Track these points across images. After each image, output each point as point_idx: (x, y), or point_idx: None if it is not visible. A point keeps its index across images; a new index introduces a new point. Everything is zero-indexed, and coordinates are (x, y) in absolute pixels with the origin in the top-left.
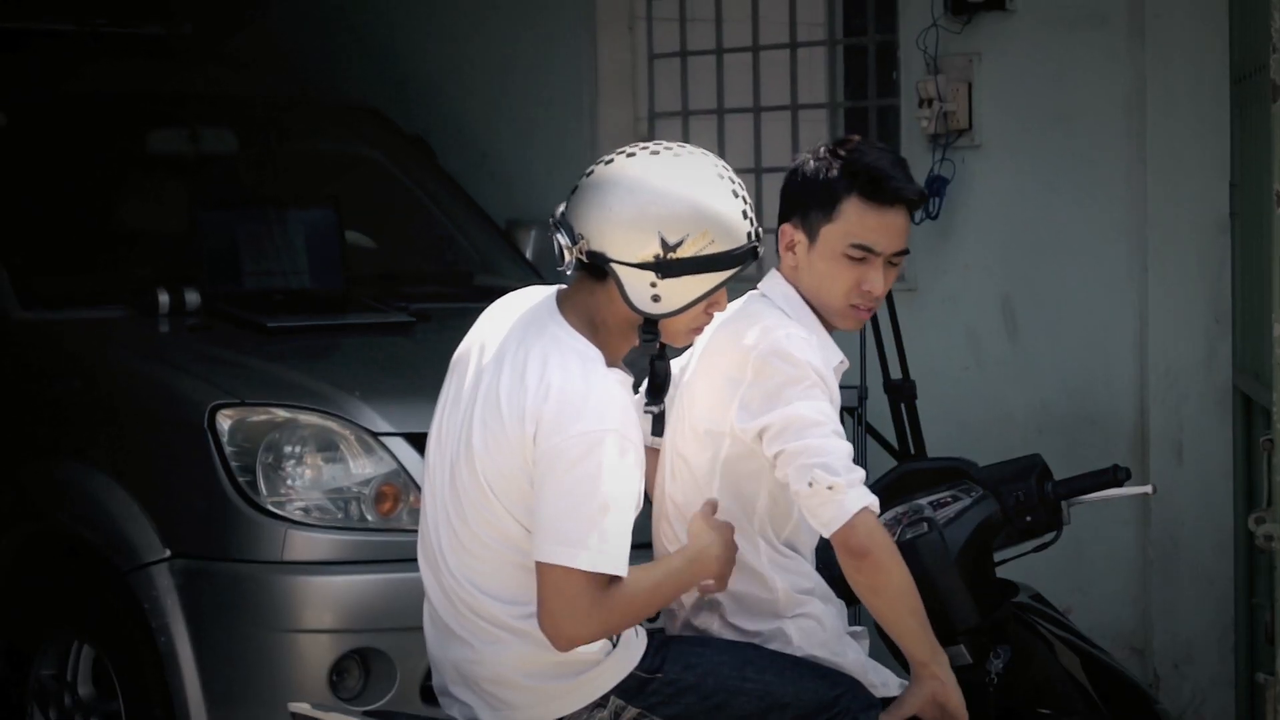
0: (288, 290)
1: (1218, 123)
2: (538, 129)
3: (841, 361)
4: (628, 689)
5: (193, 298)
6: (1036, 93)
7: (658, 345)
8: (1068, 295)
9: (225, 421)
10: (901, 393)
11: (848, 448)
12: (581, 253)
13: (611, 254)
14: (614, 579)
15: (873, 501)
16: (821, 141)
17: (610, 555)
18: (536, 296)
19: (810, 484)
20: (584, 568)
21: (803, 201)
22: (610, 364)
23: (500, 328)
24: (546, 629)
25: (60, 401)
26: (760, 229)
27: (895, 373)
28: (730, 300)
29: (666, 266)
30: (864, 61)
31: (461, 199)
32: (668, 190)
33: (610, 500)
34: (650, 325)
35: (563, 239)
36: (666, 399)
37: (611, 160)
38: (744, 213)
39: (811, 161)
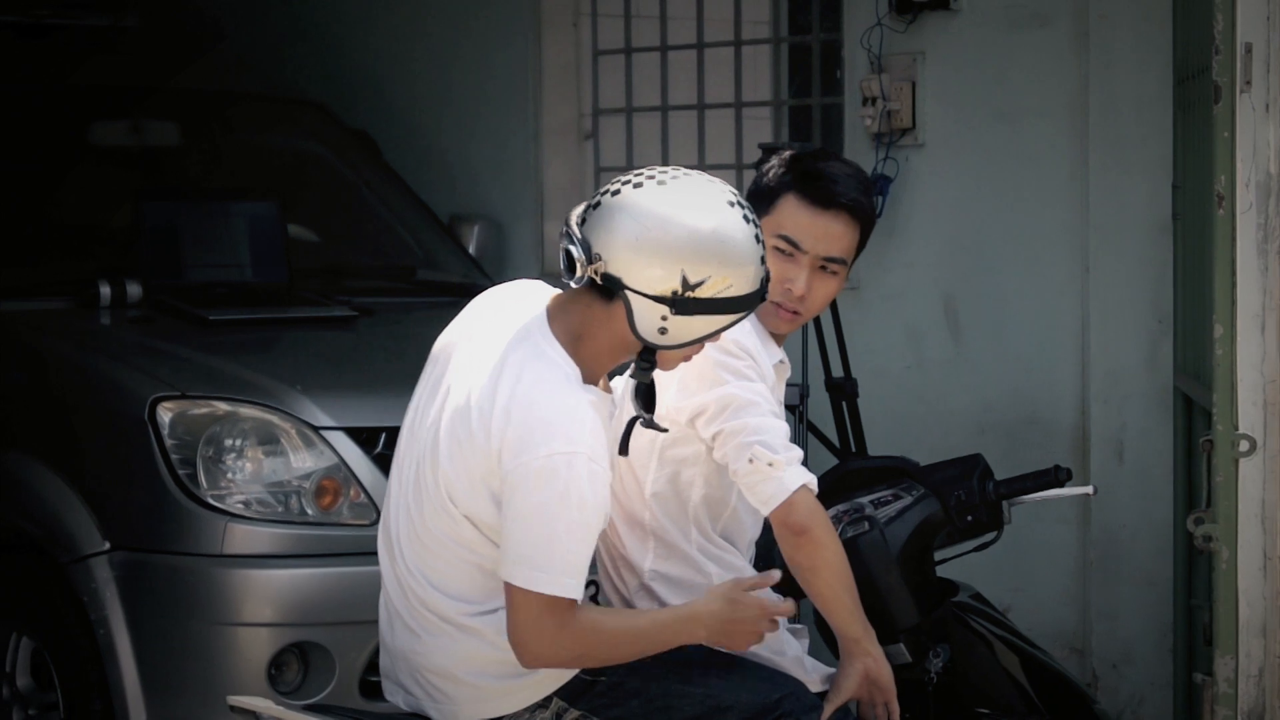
0: (230, 283)
1: (1160, 124)
2: (481, 124)
3: (781, 361)
4: (571, 691)
5: (134, 290)
6: (980, 92)
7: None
8: (1010, 295)
9: (166, 414)
10: (843, 391)
11: (785, 427)
12: (597, 274)
13: (629, 281)
14: (594, 613)
15: (811, 480)
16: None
17: (571, 580)
18: (530, 297)
19: (750, 460)
20: (544, 591)
21: (753, 200)
22: (589, 380)
23: (487, 325)
24: (514, 646)
25: (0, 393)
26: (770, 273)
27: (837, 371)
28: None
29: (682, 304)
30: (808, 59)
31: (405, 194)
32: (698, 230)
33: (574, 524)
34: (648, 353)
35: (577, 253)
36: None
37: (641, 185)
38: (761, 258)
39: (773, 166)
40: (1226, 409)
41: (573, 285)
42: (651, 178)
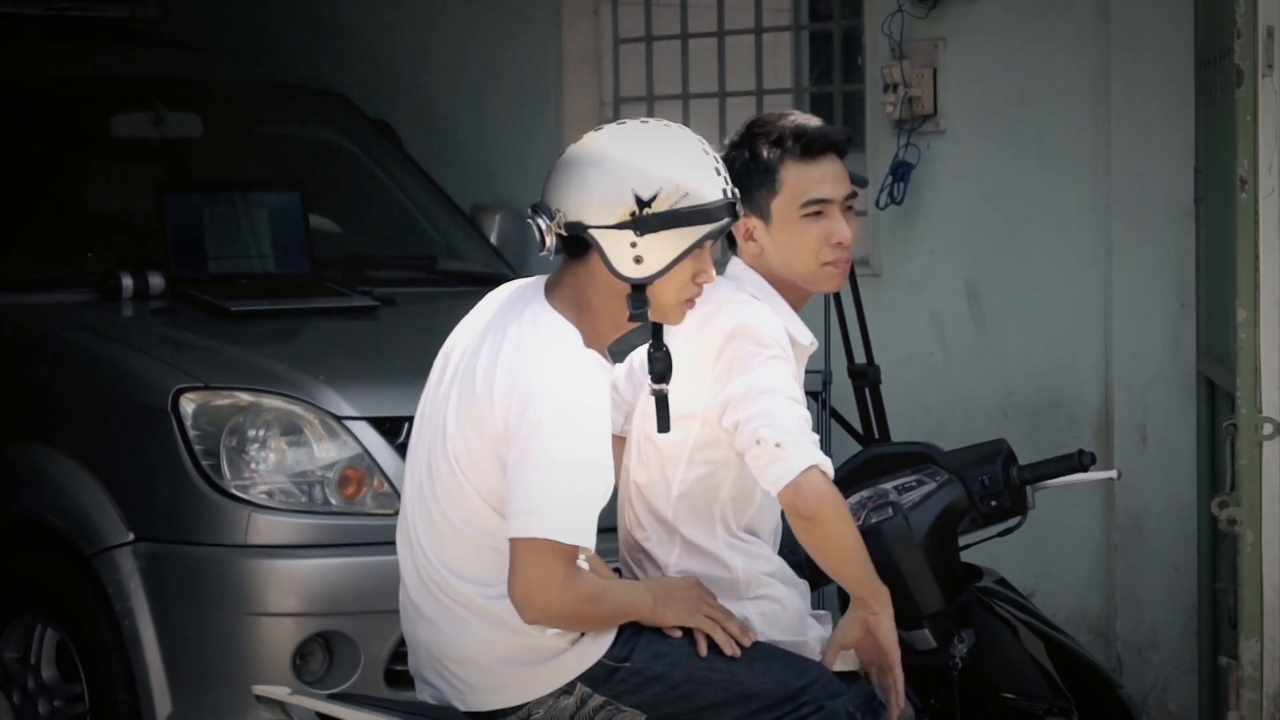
0: (252, 274)
1: (1183, 108)
2: (502, 114)
3: (811, 341)
4: (594, 677)
5: (157, 281)
6: (1001, 78)
7: (651, 328)
8: (1033, 280)
9: (189, 405)
10: (866, 377)
11: (803, 413)
12: (560, 226)
13: (589, 220)
14: (585, 572)
15: (824, 461)
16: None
17: (578, 527)
18: (529, 285)
19: (758, 442)
20: (551, 536)
21: (745, 188)
22: (590, 347)
23: (487, 314)
24: (518, 599)
25: (24, 385)
26: (737, 192)
27: (860, 357)
28: None
29: (644, 223)
30: (829, 47)
31: (426, 183)
32: (637, 150)
33: (578, 475)
34: (638, 295)
35: (541, 221)
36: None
37: (580, 139)
38: (716, 170)
39: (734, 150)
40: (1250, 393)
41: (548, 254)
42: (590, 132)
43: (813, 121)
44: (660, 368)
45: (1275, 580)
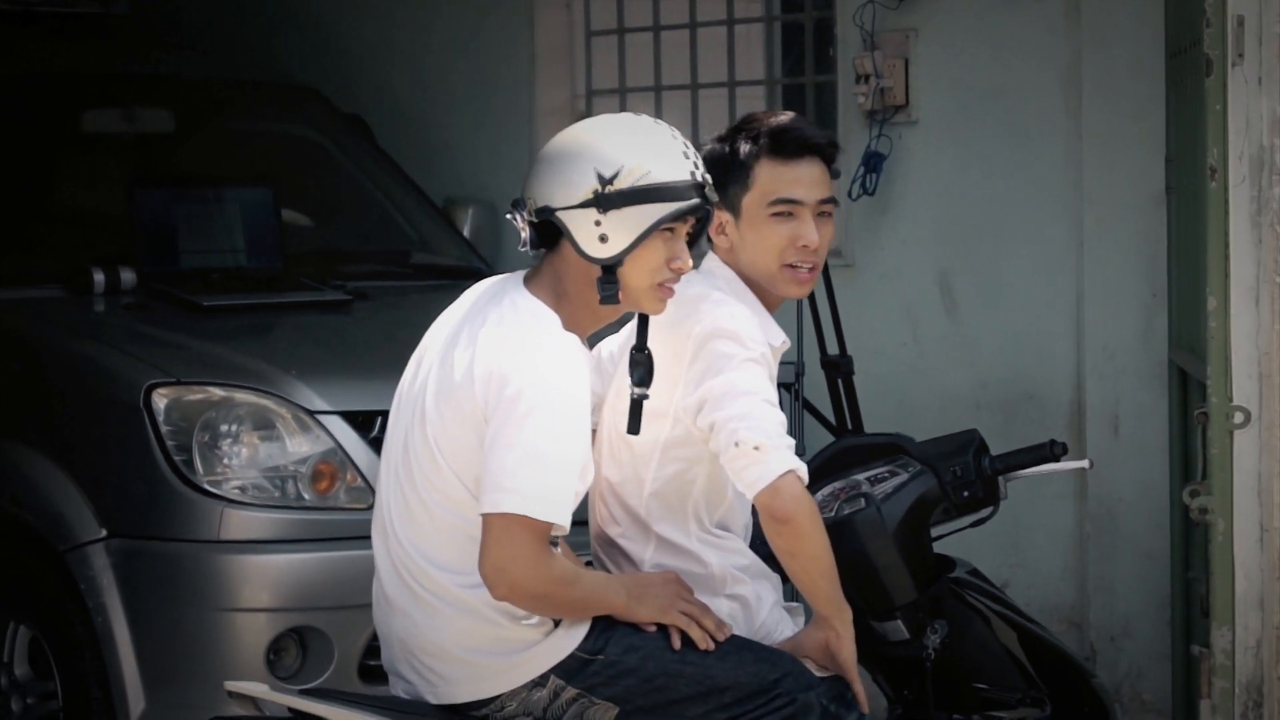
0: (224, 269)
1: (1153, 98)
2: (475, 107)
3: (784, 341)
4: (568, 669)
5: (128, 277)
6: (973, 69)
7: (637, 327)
8: (1005, 271)
9: (161, 401)
10: (839, 369)
11: (780, 416)
12: (531, 213)
13: (555, 203)
14: (559, 556)
15: (800, 467)
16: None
17: (553, 505)
18: (507, 277)
19: (736, 444)
20: (523, 512)
21: (720, 182)
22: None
23: (466, 306)
24: (487, 573)
25: None
26: (709, 178)
27: (832, 349)
28: None
29: (606, 200)
30: (801, 38)
31: (399, 178)
32: (602, 135)
33: (555, 454)
34: (608, 277)
35: (519, 215)
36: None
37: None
38: (684, 154)
39: (718, 144)
40: (1221, 381)
41: (527, 249)
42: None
43: (797, 122)
44: (641, 372)
45: (1247, 569)
